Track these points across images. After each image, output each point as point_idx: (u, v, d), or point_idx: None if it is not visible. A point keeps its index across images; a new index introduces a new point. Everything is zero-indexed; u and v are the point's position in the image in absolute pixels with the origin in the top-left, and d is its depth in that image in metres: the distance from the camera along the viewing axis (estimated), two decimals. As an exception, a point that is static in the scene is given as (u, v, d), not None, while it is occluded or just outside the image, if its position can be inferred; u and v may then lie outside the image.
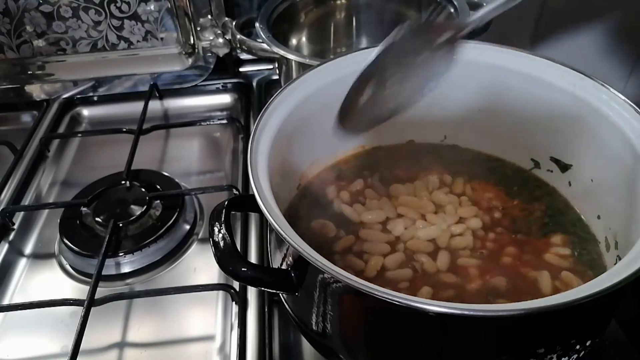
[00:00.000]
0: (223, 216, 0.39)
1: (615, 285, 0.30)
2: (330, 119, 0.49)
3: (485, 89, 0.50)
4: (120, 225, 0.60)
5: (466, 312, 0.29)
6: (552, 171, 0.50)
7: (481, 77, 0.50)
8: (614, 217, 0.44)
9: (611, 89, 0.43)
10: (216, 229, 0.38)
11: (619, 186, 0.42)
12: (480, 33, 0.68)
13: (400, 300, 0.30)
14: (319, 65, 0.48)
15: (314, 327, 0.38)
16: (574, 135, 0.47)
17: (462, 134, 0.55)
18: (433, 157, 0.54)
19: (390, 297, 0.30)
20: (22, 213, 0.67)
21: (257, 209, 0.36)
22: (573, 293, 0.31)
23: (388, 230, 0.47)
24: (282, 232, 0.34)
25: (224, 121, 0.77)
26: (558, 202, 0.49)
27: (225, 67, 0.88)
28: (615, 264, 0.37)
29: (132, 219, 0.61)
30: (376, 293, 0.30)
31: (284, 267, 0.39)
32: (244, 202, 0.42)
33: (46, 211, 0.67)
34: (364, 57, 0.49)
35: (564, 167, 0.49)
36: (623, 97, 0.42)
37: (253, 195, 0.36)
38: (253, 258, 0.59)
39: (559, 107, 0.46)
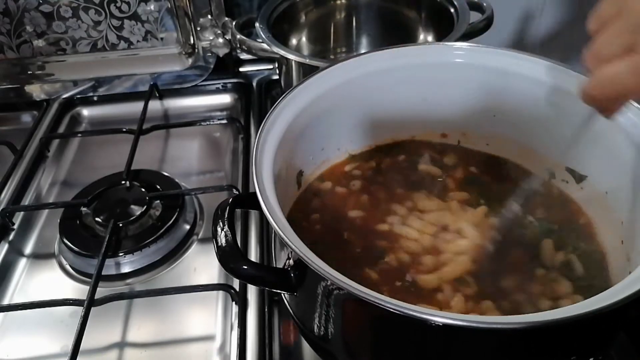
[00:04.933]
0: (226, 214, 0.39)
1: (619, 302, 0.29)
2: (336, 122, 0.49)
3: (488, 91, 0.50)
4: (120, 225, 0.60)
5: (473, 324, 0.29)
6: (567, 181, 0.49)
7: (482, 79, 0.50)
8: (626, 230, 0.42)
9: None
10: (219, 227, 0.38)
11: (632, 198, 0.41)
12: (480, 33, 0.68)
13: (403, 310, 0.29)
14: (324, 68, 0.48)
15: (315, 331, 0.38)
16: (585, 143, 0.44)
17: (465, 136, 0.55)
18: (435, 157, 0.54)
19: (392, 307, 0.29)
20: (22, 213, 0.67)
21: (260, 207, 0.36)
22: (575, 308, 0.30)
23: (393, 230, 0.46)
24: (285, 238, 0.34)
25: (224, 121, 0.77)
26: (569, 209, 0.48)
27: (225, 67, 0.88)
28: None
29: (132, 219, 0.61)
30: (379, 302, 0.29)
31: (287, 267, 0.39)
32: (248, 200, 0.42)
33: (46, 211, 0.67)
34: (368, 60, 0.49)
35: (579, 178, 0.47)
36: (637, 105, 0.41)
37: (255, 194, 0.37)
38: (253, 257, 0.58)
39: (563, 109, 0.46)
